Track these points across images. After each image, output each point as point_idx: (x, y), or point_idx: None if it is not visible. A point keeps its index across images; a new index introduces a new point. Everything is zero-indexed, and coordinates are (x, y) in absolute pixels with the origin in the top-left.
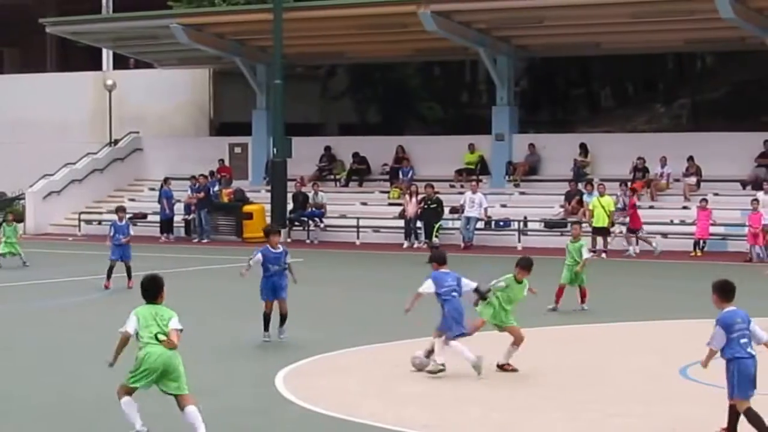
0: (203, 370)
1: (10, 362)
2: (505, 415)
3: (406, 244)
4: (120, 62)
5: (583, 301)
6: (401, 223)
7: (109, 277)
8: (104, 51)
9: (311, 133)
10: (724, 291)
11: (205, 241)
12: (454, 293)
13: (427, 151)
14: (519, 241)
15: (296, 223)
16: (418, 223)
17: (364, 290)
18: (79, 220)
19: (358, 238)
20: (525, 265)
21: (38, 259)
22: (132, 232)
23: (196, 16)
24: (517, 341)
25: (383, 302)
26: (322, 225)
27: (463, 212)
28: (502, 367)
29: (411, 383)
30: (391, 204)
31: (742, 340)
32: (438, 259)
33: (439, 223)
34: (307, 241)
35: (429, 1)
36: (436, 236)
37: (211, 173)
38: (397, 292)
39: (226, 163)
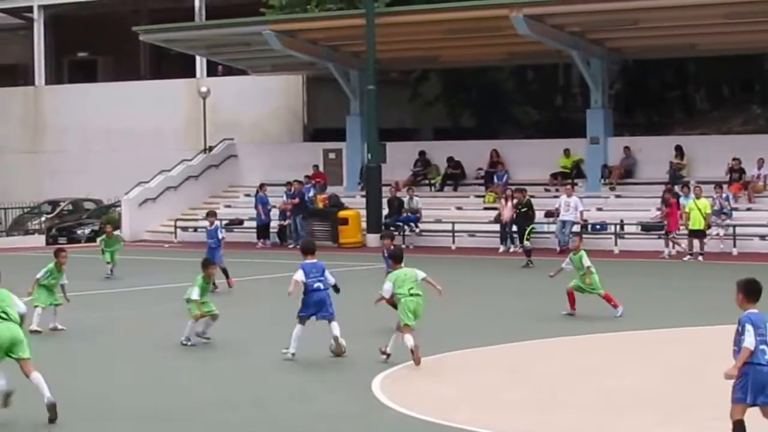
0: (300, 375)
1: (109, 368)
2: (601, 417)
3: (501, 249)
4: (213, 69)
5: (614, 306)
6: (497, 227)
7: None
8: (197, 58)
9: (405, 138)
10: (750, 291)
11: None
12: (319, 283)
13: (522, 155)
14: (615, 245)
15: (391, 228)
16: (514, 227)
17: (460, 295)
18: (175, 226)
19: (453, 242)
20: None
21: (134, 266)
22: (221, 236)
23: (289, 22)
24: None
25: (480, 307)
26: (417, 230)
27: (558, 216)
28: None
29: (510, 388)
30: (486, 208)
31: (761, 347)
32: (305, 248)
33: (531, 227)
34: (403, 246)
35: (522, 5)
36: (527, 239)
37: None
38: (494, 297)
39: (321, 168)
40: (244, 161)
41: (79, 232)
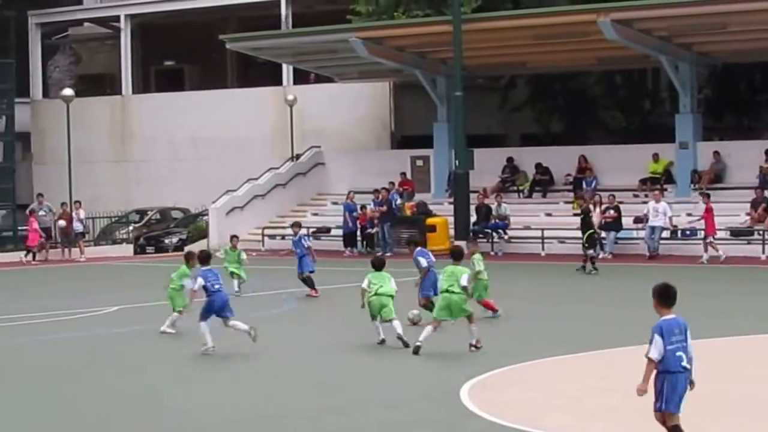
0: (389, 382)
1: (186, 377)
2: (693, 423)
3: (590, 255)
4: (300, 77)
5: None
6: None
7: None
8: (284, 66)
9: (493, 145)
10: (663, 296)
11: (388, 254)
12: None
13: (610, 161)
14: (705, 251)
15: (480, 235)
16: (603, 233)
17: (549, 301)
18: (263, 235)
19: (542, 249)
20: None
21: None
22: (307, 244)
23: (376, 29)
24: None
25: (569, 313)
26: (506, 237)
27: (647, 222)
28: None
29: (599, 396)
30: (575, 214)
31: (677, 353)
32: (201, 258)
33: (589, 233)
34: (492, 253)
35: (609, 10)
36: (587, 246)
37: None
38: (583, 303)
39: (408, 176)
40: (332, 169)
41: (166, 241)
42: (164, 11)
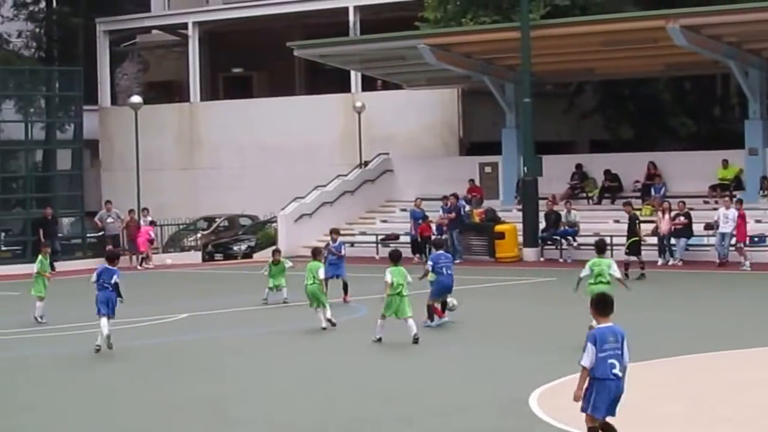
0: (456, 389)
1: (263, 385)
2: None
3: (660, 261)
4: (368, 84)
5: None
6: (654, 240)
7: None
8: (352, 73)
9: (561, 151)
10: (600, 306)
11: (457, 261)
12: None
13: (680, 167)
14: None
15: (549, 242)
16: (672, 240)
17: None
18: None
19: (612, 256)
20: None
21: (290, 282)
22: (343, 252)
23: (444, 36)
24: None
25: (634, 321)
26: (575, 244)
27: (717, 228)
28: None
29: (667, 403)
30: (644, 221)
31: (610, 361)
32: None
33: (632, 240)
34: (560, 260)
35: (678, 16)
36: (627, 252)
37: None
38: (649, 310)
39: (477, 182)
40: (400, 176)
41: (235, 248)
42: (232, 18)
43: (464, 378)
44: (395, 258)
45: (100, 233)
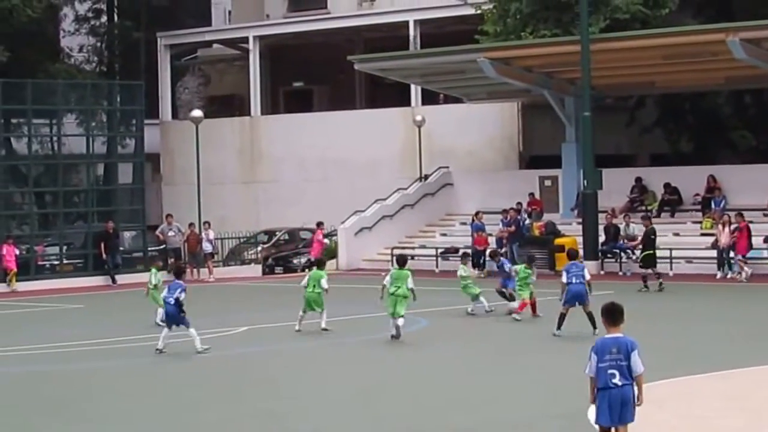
0: (517, 401)
1: (323, 398)
2: None
3: (719, 275)
4: (428, 97)
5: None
6: (714, 253)
7: None
8: (412, 87)
9: (621, 164)
10: (608, 315)
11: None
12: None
13: (739, 180)
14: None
15: (608, 255)
16: (731, 253)
17: (675, 321)
18: (391, 255)
19: (671, 269)
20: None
21: (349, 294)
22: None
23: (504, 49)
24: None
25: (694, 333)
26: (634, 257)
27: None
28: None
29: (728, 416)
30: (703, 234)
31: (609, 371)
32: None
33: (647, 252)
34: (620, 273)
35: (738, 29)
36: (640, 264)
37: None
38: (709, 323)
39: (537, 196)
40: (460, 189)
41: (295, 261)
42: (292, 32)
43: (524, 390)
44: (401, 262)
45: (161, 246)
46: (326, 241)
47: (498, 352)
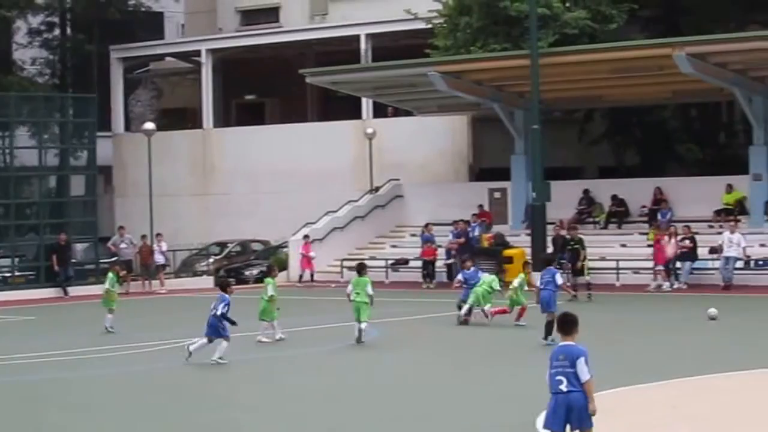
0: (463, 413)
1: (278, 408)
2: None
3: (665, 286)
4: (379, 110)
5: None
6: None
7: None
8: (364, 100)
9: (569, 177)
10: (560, 324)
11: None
12: None
13: (686, 192)
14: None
15: (557, 266)
16: (677, 264)
17: (621, 332)
18: (342, 267)
19: (617, 279)
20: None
21: (297, 307)
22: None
23: (454, 63)
24: None
25: (641, 343)
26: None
27: (721, 252)
28: None
29: (673, 426)
30: (650, 245)
31: (557, 377)
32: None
33: (582, 263)
34: (568, 284)
35: (684, 44)
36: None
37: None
38: (656, 333)
39: (486, 208)
40: (410, 201)
41: (247, 273)
42: (244, 46)
43: (471, 401)
44: (359, 269)
45: (113, 258)
46: (312, 254)
47: (454, 361)
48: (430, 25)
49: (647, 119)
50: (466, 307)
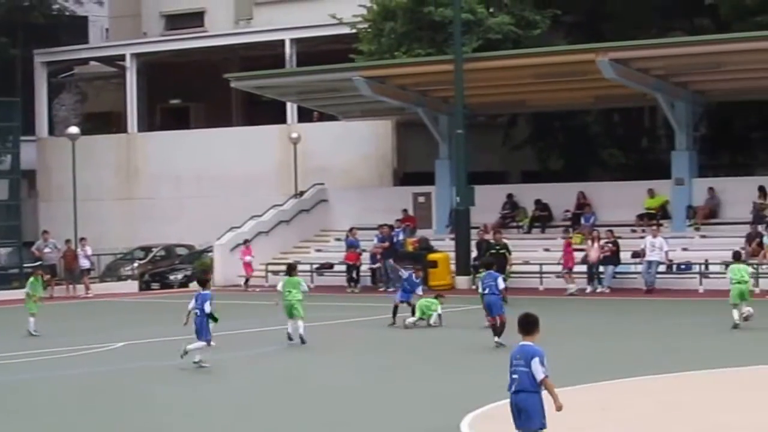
0: (387, 417)
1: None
2: None
3: (588, 289)
4: (304, 115)
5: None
6: (584, 267)
7: None
8: (288, 104)
9: (493, 181)
10: (519, 325)
11: (390, 290)
12: None
13: (609, 197)
14: (701, 284)
15: (480, 270)
16: (601, 268)
17: (548, 336)
18: (266, 271)
19: (541, 283)
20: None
21: (227, 311)
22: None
23: (379, 68)
24: None
25: (565, 347)
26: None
27: (644, 256)
28: None
29: (603, 427)
30: (573, 249)
31: (512, 376)
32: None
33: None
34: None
35: (607, 50)
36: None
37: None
38: (580, 337)
39: (410, 212)
40: (335, 206)
41: (171, 277)
42: (169, 50)
43: (397, 404)
44: (289, 270)
45: (37, 263)
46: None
47: (379, 365)
48: (354, 30)
49: (571, 124)
50: (412, 320)
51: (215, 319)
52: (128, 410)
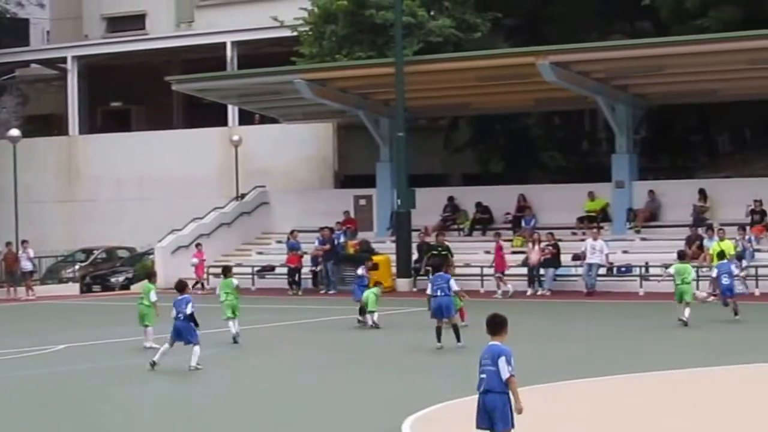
0: (326, 419)
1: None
2: None
3: (529, 292)
4: (246, 118)
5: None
6: (524, 270)
7: None
8: (230, 107)
9: (435, 184)
10: (488, 325)
11: (332, 292)
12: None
13: (549, 200)
14: (641, 287)
15: (422, 273)
16: (541, 271)
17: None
18: (207, 273)
19: (482, 286)
20: None
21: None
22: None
23: (320, 71)
24: None
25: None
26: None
27: (584, 259)
28: None
29: (541, 429)
30: (514, 252)
31: (481, 376)
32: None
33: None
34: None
35: (548, 53)
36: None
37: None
38: (521, 340)
39: (352, 215)
40: (276, 208)
41: (112, 280)
42: (111, 53)
43: (339, 406)
44: (224, 272)
45: None
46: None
47: (321, 367)
48: (296, 33)
49: (511, 127)
50: (369, 316)
51: (196, 324)
52: (75, 411)
